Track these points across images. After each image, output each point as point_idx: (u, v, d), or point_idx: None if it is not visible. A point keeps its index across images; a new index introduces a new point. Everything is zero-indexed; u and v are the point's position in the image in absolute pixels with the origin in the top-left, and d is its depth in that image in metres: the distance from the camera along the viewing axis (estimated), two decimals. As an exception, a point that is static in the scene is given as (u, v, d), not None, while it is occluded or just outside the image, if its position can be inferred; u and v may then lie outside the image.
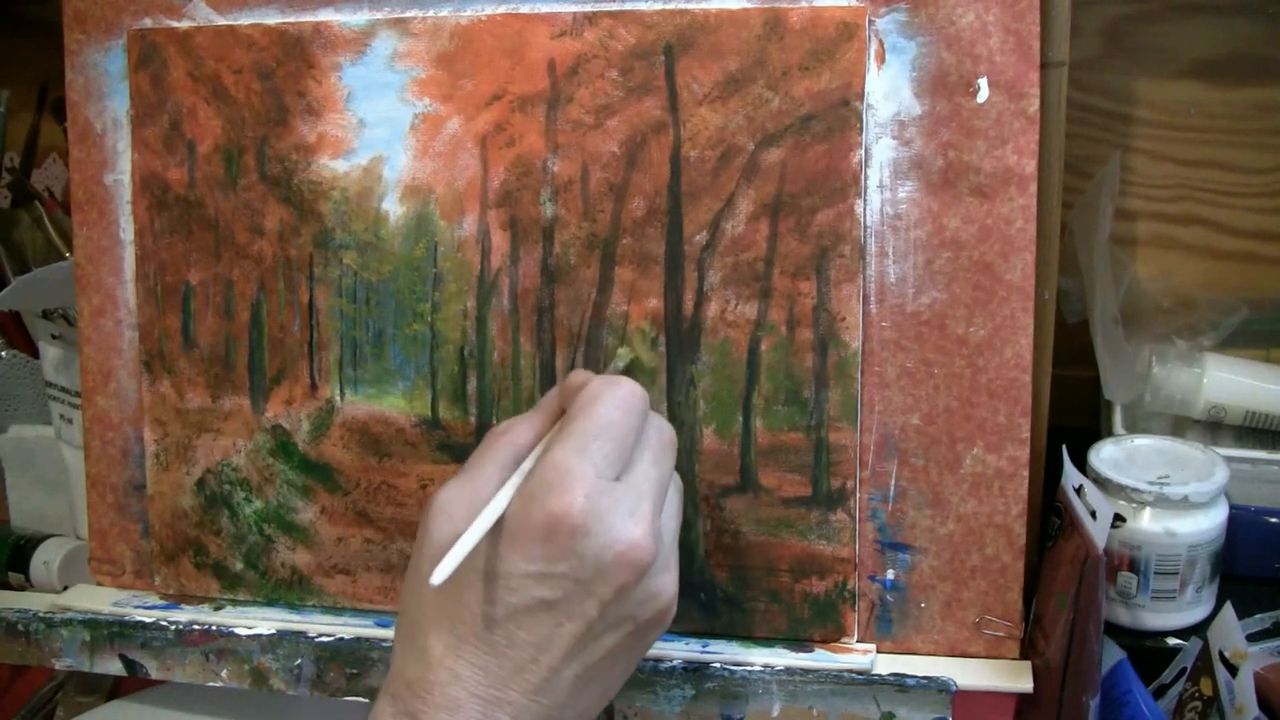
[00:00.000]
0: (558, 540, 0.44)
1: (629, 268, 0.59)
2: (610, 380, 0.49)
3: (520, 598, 0.45)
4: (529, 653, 0.45)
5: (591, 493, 0.45)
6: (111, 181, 0.65)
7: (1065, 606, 0.55)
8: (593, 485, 0.45)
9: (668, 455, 0.49)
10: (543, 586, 0.45)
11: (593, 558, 0.45)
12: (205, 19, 0.63)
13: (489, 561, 0.45)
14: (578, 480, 0.45)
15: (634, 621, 0.47)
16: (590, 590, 0.45)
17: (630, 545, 0.45)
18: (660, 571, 0.47)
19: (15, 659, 0.65)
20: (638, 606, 0.46)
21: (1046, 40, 0.55)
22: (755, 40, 0.56)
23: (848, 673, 0.56)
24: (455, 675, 0.44)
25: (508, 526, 0.46)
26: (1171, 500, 0.61)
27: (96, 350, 0.66)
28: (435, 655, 0.45)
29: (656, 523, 0.47)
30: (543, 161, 0.59)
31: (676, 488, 0.51)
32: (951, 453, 0.57)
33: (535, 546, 0.45)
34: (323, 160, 0.62)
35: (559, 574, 0.45)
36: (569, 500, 0.45)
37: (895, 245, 0.57)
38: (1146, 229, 0.82)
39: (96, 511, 0.67)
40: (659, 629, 0.49)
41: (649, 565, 0.46)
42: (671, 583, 0.48)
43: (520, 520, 0.45)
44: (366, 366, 0.62)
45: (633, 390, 0.49)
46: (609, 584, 0.45)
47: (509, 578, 0.45)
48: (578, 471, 0.45)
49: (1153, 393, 0.74)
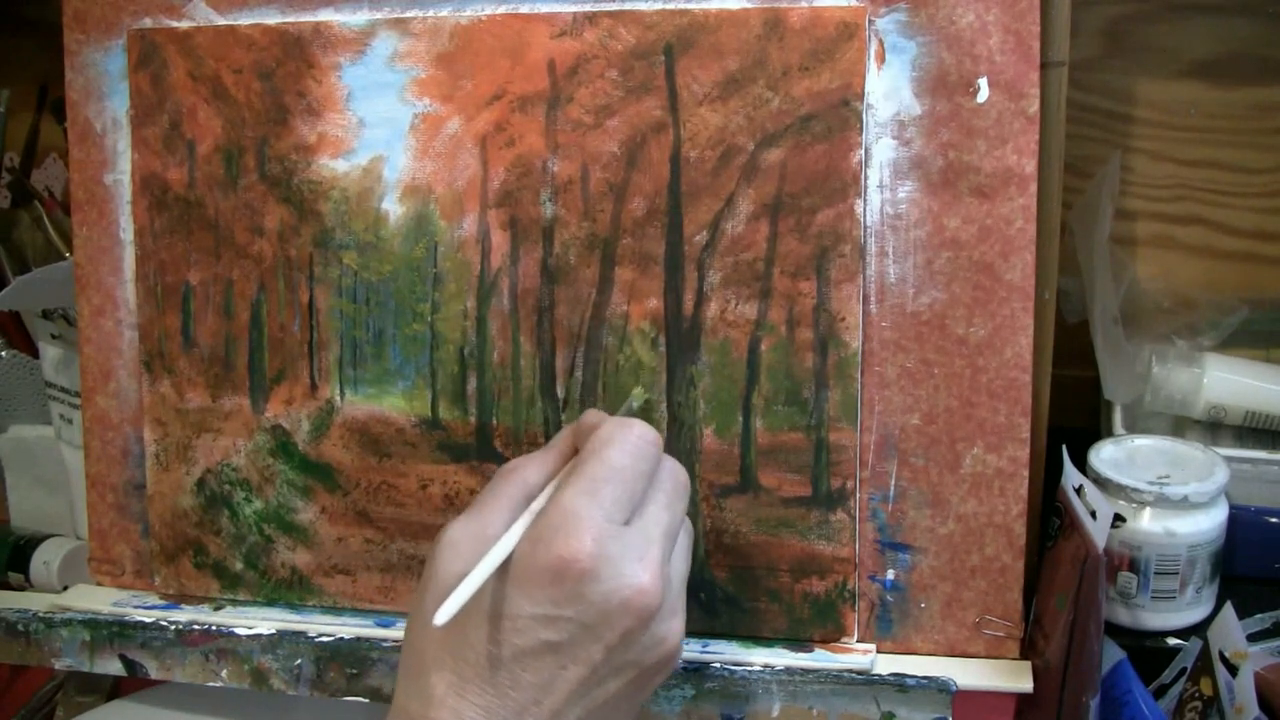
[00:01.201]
0: (565, 584, 0.44)
1: (629, 268, 0.59)
2: (623, 423, 0.49)
3: (525, 639, 0.45)
4: (532, 694, 0.45)
5: (600, 537, 0.45)
6: (111, 181, 0.65)
7: (1065, 606, 0.55)
8: (601, 530, 0.45)
9: (680, 499, 0.49)
10: (548, 629, 0.45)
11: (599, 602, 0.44)
12: (205, 19, 0.63)
13: (495, 602, 0.45)
14: (586, 525, 0.45)
15: (638, 667, 0.46)
16: (596, 634, 0.45)
17: (637, 591, 0.45)
18: (667, 617, 0.47)
19: (15, 659, 0.64)
20: (643, 652, 0.46)
21: (1046, 40, 0.55)
22: (755, 40, 0.56)
23: (848, 673, 0.56)
24: (458, 715, 0.44)
25: (515, 568, 0.45)
26: (1171, 500, 0.61)
27: (96, 350, 0.66)
28: (438, 694, 0.45)
29: (665, 568, 0.46)
30: (543, 161, 0.59)
31: (687, 531, 0.50)
32: (951, 453, 0.57)
33: (542, 589, 0.45)
34: (323, 160, 0.62)
35: (565, 617, 0.44)
36: (577, 545, 0.44)
37: (895, 245, 0.57)
38: (1146, 229, 0.82)
39: (96, 511, 0.67)
40: (664, 674, 0.48)
41: (655, 611, 0.45)
42: (678, 628, 0.47)
43: (528, 562, 0.45)
44: (366, 366, 0.62)
45: (644, 434, 0.49)
46: (614, 629, 0.45)
47: (515, 619, 0.45)
48: (587, 516, 0.45)
49: (1153, 393, 0.74)
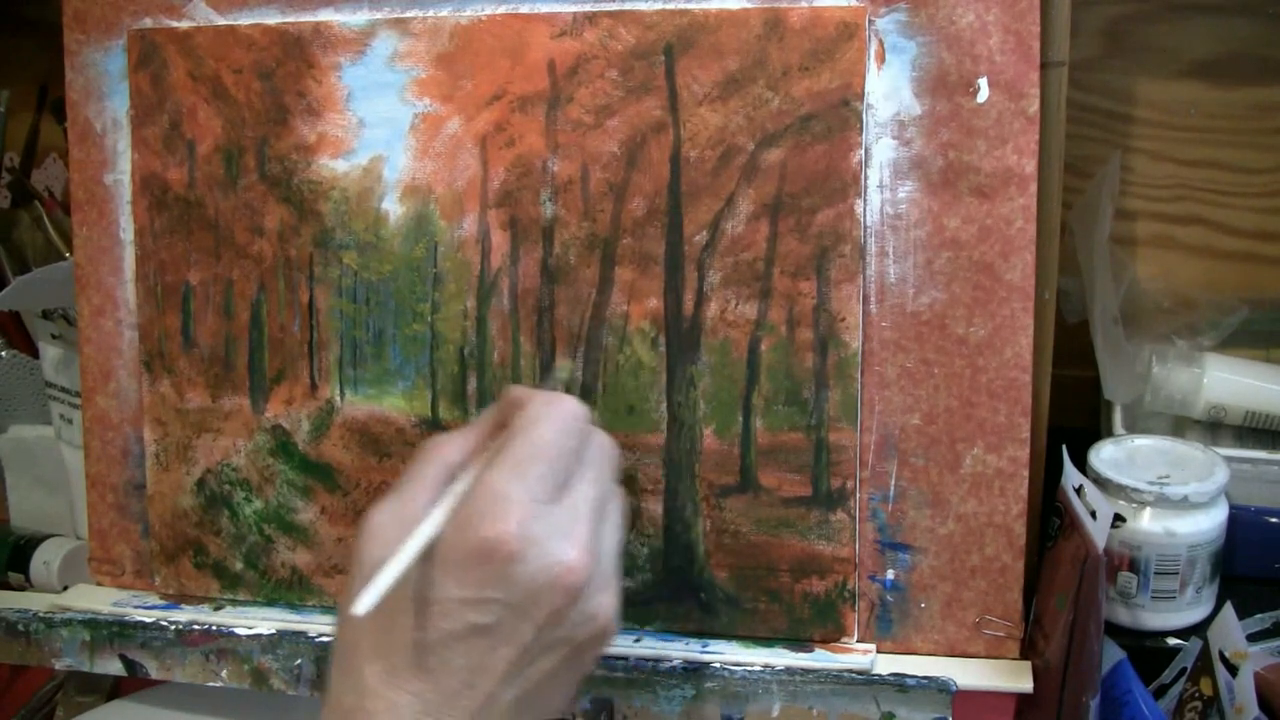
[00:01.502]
0: (491, 566, 0.44)
1: (629, 268, 0.59)
2: (550, 399, 0.48)
3: (454, 623, 0.44)
4: (464, 678, 0.44)
5: (525, 518, 0.45)
6: (111, 181, 0.65)
7: (1065, 606, 0.55)
8: (527, 510, 0.45)
9: (609, 472, 0.49)
10: (476, 612, 0.44)
11: (525, 583, 0.44)
12: (205, 19, 0.63)
13: (422, 587, 0.45)
14: (512, 506, 0.45)
15: (570, 644, 0.46)
16: (524, 615, 0.45)
17: (565, 569, 0.45)
18: (597, 592, 0.46)
19: (15, 659, 0.65)
20: (574, 628, 0.46)
21: (1046, 40, 0.55)
22: (755, 40, 0.56)
23: (848, 673, 0.56)
24: (391, 704, 0.44)
25: (441, 551, 0.45)
26: (1171, 500, 0.61)
27: (96, 350, 0.66)
28: (370, 684, 0.45)
29: (594, 544, 0.46)
30: (543, 161, 0.59)
31: (618, 502, 0.50)
32: (951, 453, 0.57)
33: (468, 572, 0.44)
34: (323, 160, 0.62)
35: (492, 600, 0.44)
36: (502, 527, 0.44)
37: (895, 245, 0.57)
38: (1146, 229, 0.82)
39: (96, 511, 0.67)
40: (599, 647, 0.48)
41: (583, 588, 0.45)
42: (609, 602, 0.47)
43: (454, 545, 0.45)
44: (366, 366, 0.62)
45: (572, 409, 0.48)
46: (543, 608, 0.45)
47: (443, 603, 0.44)
48: (513, 496, 0.45)
49: (1153, 393, 0.74)
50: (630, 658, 0.58)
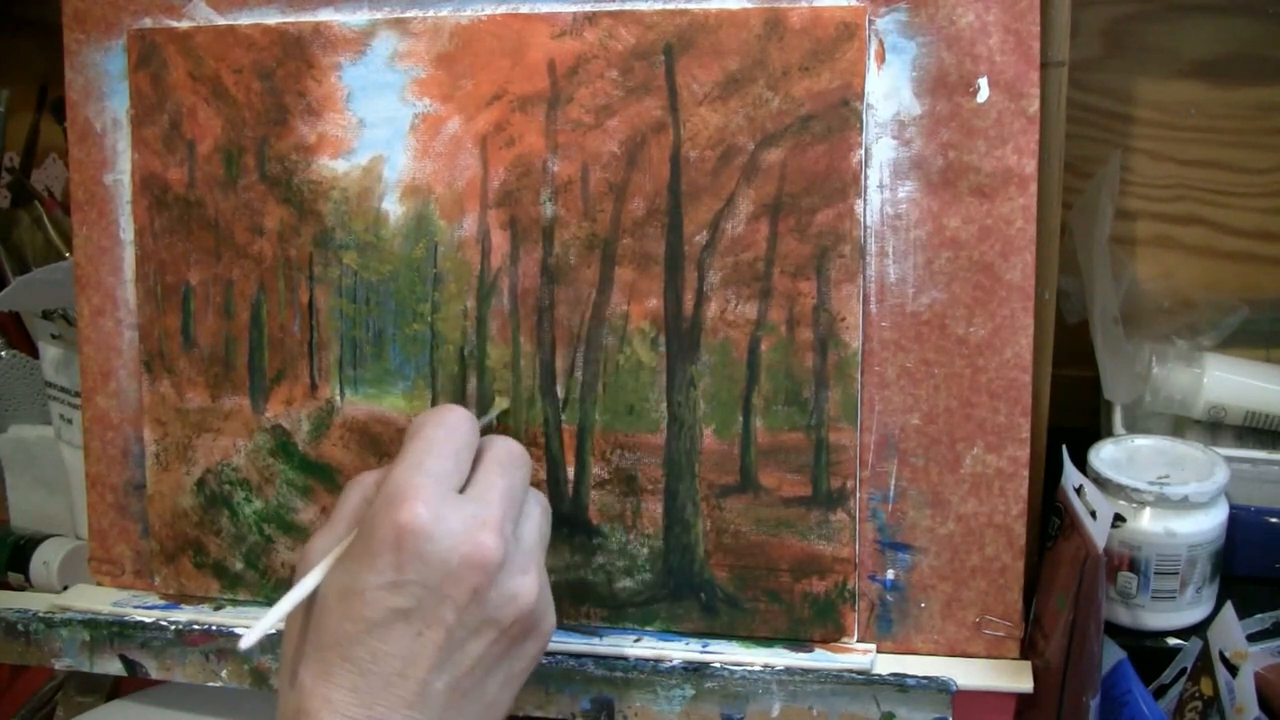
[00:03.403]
0: (404, 549, 0.45)
1: (629, 268, 0.59)
2: (436, 408, 0.51)
3: (375, 611, 0.45)
4: (395, 665, 0.45)
5: (432, 501, 0.46)
6: (111, 181, 0.65)
7: (1065, 606, 0.55)
8: (433, 494, 0.46)
9: (515, 467, 0.50)
10: (396, 596, 0.45)
11: (439, 562, 0.45)
12: (205, 19, 0.63)
13: (343, 583, 0.46)
14: (418, 491, 0.46)
15: (497, 627, 0.47)
16: (443, 595, 0.45)
17: (475, 546, 0.45)
18: (516, 573, 0.47)
19: (15, 659, 0.65)
20: (496, 609, 0.46)
21: (1046, 40, 0.55)
22: (755, 40, 0.56)
23: (848, 673, 0.56)
24: (327, 701, 0.44)
25: (356, 546, 0.46)
26: (1171, 500, 0.61)
27: (96, 350, 0.66)
28: (307, 686, 0.45)
29: (506, 527, 0.47)
30: (543, 161, 0.59)
31: (538, 502, 0.51)
32: (951, 453, 0.57)
33: (383, 558, 0.45)
34: (323, 160, 0.62)
35: (409, 581, 0.45)
36: (410, 509, 0.45)
37: (895, 245, 0.57)
38: (1146, 229, 0.82)
39: (96, 511, 0.67)
40: (534, 639, 0.49)
41: (498, 564, 0.46)
42: (531, 585, 0.48)
43: (367, 537, 0.46)
44: (366, 366, 0.62)
45: (458, 413, 0.50)
46: (460, 587, 0.45)
47: (362, 593, 0.45)
48: (416, 483, 0.46)
49: (1153, 393, 0.74)
50: (630, 658, 0.58)
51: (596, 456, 0.60)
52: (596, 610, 0.61)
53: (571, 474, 0.60)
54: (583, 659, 0.58)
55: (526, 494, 0.50)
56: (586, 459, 0.60)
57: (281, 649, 0.49)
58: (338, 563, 0.47)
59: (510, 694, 0.49)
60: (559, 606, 0.61)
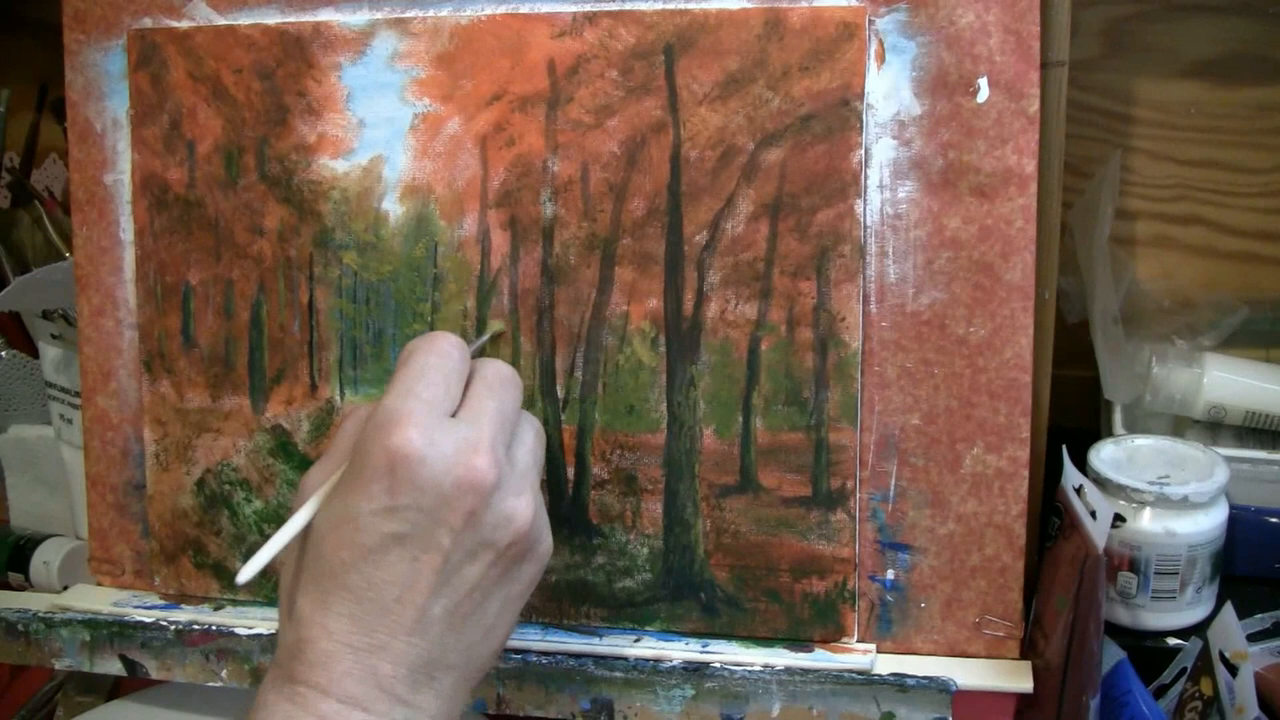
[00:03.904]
0: (397, 474, 0.45)
1: (629, 268, 0.59)
2: (425, 335, 0.50)
3: (370, 537, 0.45)
4: (392, 592, 0.45)
5: (424, 425, 0.46)
6: (111, 181, 0.65)
7: (1065, 606, 0.55)
8: (424, 419, 0.46)
9: (506, 389, 0.50)
10: (390, 521, 0.45)
11: (433, 485, 0.45)
12: (205, 19, 0.63)
13: (338, 511, 0.46)
14: (408, 416, 0.46)
15: (493, 549, 0.47)
16: (438, 519, 0.45)
17: (468, 469, 0.45)
18: (510, 495, 0.47)
19: (15, 659, 0.65)
20: (492, 531, 0.46)
21: (1046, 40, 0.55)
22: (755, 40, 0.56)
23: (848, 673, 0.56)
24: (325, 629, 0.45)
25: (349, 473, 0.46)
26: (1171, 500, 0.61)
27: (96, 350, 0.66)
28: (305, 614, 0.45)
29: (499, 449, 0.47)
30: (543, 161, 0.59)
31: (530, 424, 0.51)
32: (951, 453, 0.57)
33: (376, 484, 0.45)
34: (323, 160, 0.62)
35: (404, 506, 0.45)
36: (402, 434, 0.45)
37: (895, 245, 0.57)
38: (1146, 229, 0.82)
39: (96, 511, 0.67)
40: (531, 562, 0.49)
41: (492, 486, 0.46)
42: (526, 507, 0.47)
43: (360, 464, 0.46)
44: (366, 366, 0.62)
45: (447, 339, 0.50)
46: (455, 510, 0.45)
47: (356, 520, 0.45)
48: (406, 409, 0.46)
49: (1153, 393, 0.74)
50: (630, 658, 0.58)
51: (596, 456, 0.60)
52: (596, 610, 0.61)
53: (571, 474, 0.60)
54: (583, 659, 0.58)
55: (519, 416, 0.50)
56: (586, 459, 0.60)
57: (280, 580, 0.49)
58: (332, 492, 0.47)
59: (509, 617, 0.49)
60: (559, 607, 0.61)
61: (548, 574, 0.61)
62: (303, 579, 0.46)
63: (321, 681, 0.44)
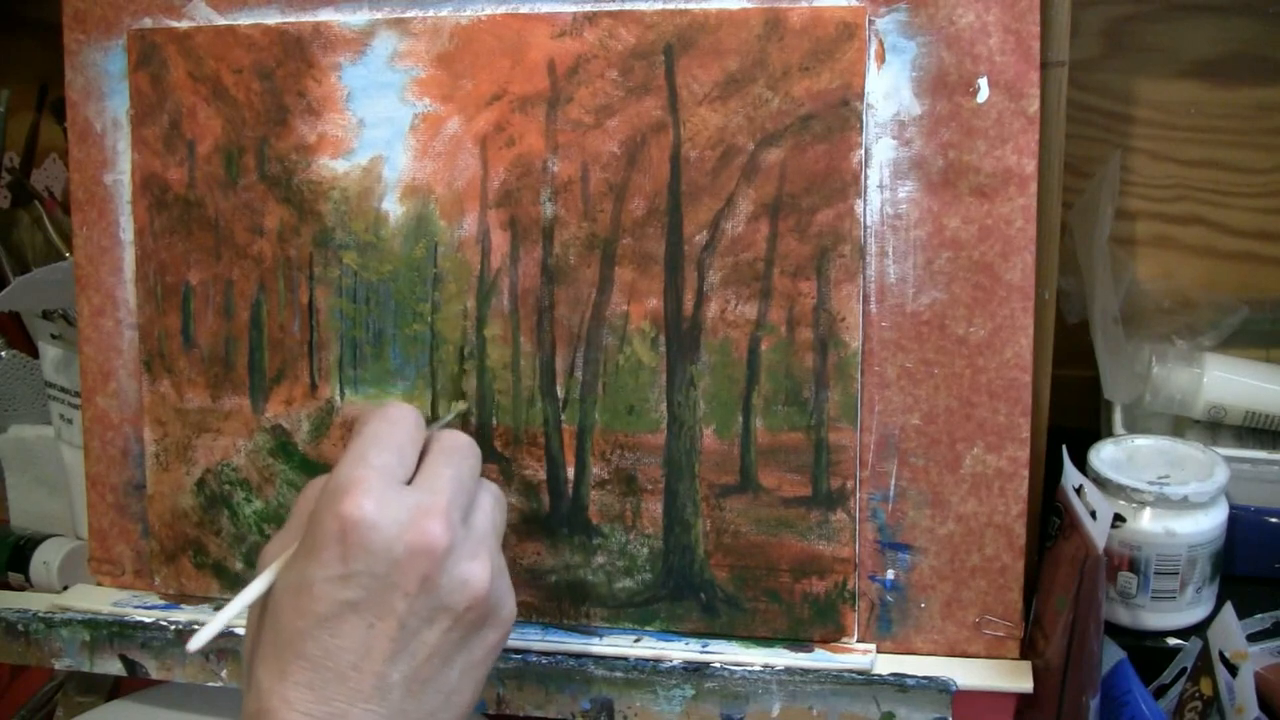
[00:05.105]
0: (349, 540, 0.45)
1: (629, 268, 0.59)
2: (378, 404, 0.51)
3: (326, 605, 0.45)
4: (349, 659, 0.45)
5: (375, 492, 0.45)
6: (111, 181, 0.65)
7: (1065, 606, 0.55)
8: (376, 485, 0.46)
9: (463, 457, 0.49)
10: (344, 589, 0.45)
11: (385, 550, 0.45)
12: (205, 19, 0.63)
13: (293, 580, 0.46)
14: (359, 483, 0.46)
15: (450, 614, 0.46)
16: (391, 584, 0.45)
17: (421, 533, 0.45)
18: (465, 559, 0.47)
19: (15, 659, 0.65)
20: (448, 595, 0.46)
21: (1046, 40, 0.55)
22: (755, 40, 0.56)
23: (848, 673, 0.56)
24: (285, 699, 0.44)
25: (304, 543, 0.46)
26: (1171, 500, 0.61)
27: (96, 350, 0.66)
28: (264, 685, 0.45)
29: (454, 514, 0.47)
30: (543, 161, 0.59)
31: (489, 491, 0.50)
32: (951, 453, 0.57)
33: (328, 550, 0.45)
34: (323, 160, 0.62)
35: (356, 572, 0.45)
36: (353, 501, 0.45)
37: (895, 245, 0.57)
38: (1146, 229, 0.82)
39: (96, 511, 0.67)
40: (492, 628, 0.48)
41: (446, 550, 0.46)
42: (483, 570, 0.47)
43: (314, 532, 0.46)
44: (366, 366, 0.62)
45: (398, 407, 0.50)
46: (408, 575, 0.45)
47: (310, 588, 0.45)
48: (359, 475, 0.46)
49: (1153, 393, 0.74)
50: (630, 658, 0.58)
51: (596, 456, 0.60)
52: (596, 610, 0.61)
53: (571, 474, 0.60)
54: (583, 659, 0.58)
55: (478, 484, 0.50)
56: (586, 459, 0.60)
57: (243, 648, 0.49)
58: (288, 561, 0.46)
59: (473, 683, 0.48)
60: (559, 607, 0.61)
61: (548, 574, 0.61)
62: (261, 649, 0.46)
63: None
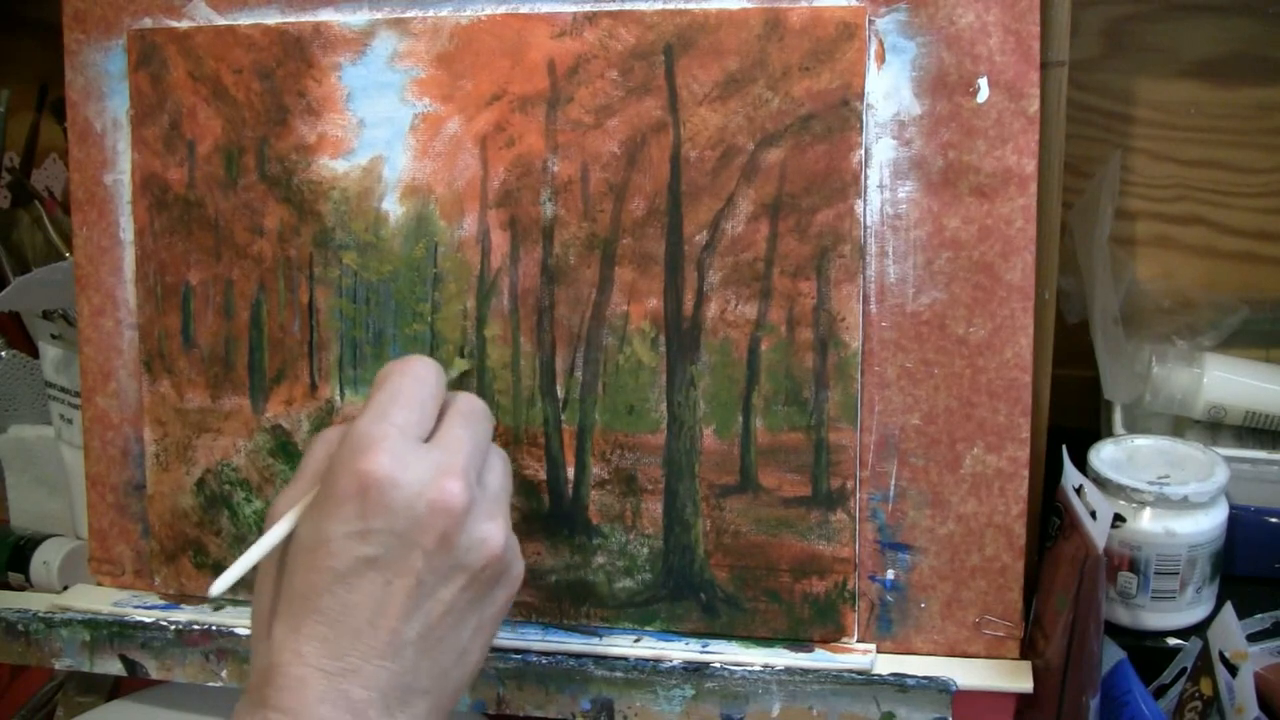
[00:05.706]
0: (369, 497, 0.45)
1: (629, 268, 0.59)
2: (400, 359, 0.50)
3: (343, 561, 0.45)
4: (364, 615, 0.45)
5: (396, 449, 0.46)
6: (111, 181, 0.65)
7: (1065, 606, 0.55)
8: (397, 443, 0.46)
9: (478, 421, 0.50)
10: (363, 545, 0.45)
11: (406, 508, 0.45)
12: (205, 19, 0.63)
13: (310, 535, 0.46)
14: (380, 440, 0.46)
15: (466, 572, 0.47)
16: (411, 542, 0.45)
17: (441, 491, 0.45)
18: (483, 519, 0.47)
19: (15, 659, 0.65)
20: (465, 554, 0.46)
21: (1046, 40, 0.55)
22: (755, 40, 0.56)
23: (848, 673, 0.56)
24: (297, 653, 0.44)
25: (321, 497, 0.46)
26: (1171, 500, 0.61)
27: (96, 350, 0.66)
28: (278, 639, 0.45)
29: (471, 474, 0.47)
30: (543, 161, 0.59)
31: (499, 454, 0.51)
32: (951, 453, 0.57)
33: (349, 507, 0.45)
34: (323, 160, 0.62)
35: (376, 529, 0.45)
36: (374, 458, 0.45)
37: (895, 245, 0.57)
38: (1146, 229, 0.82)
39: (96, 511, 0.67)
40: (503, 586, 0.49)
41: (465, 509, 0.46)
42: (499, 531, 0.47)
43: (332, 487, 0.46)
44: (366, 366, 0.62)
45: (424, 363, 0.50)
46: (427, 533, 0.45)
47: (328, 543, 0.45)
48: (379, 432, 0.46)
49: (1153, 393, 0.74)
50: (630, 658, 0.58)
51: (596, 456, 0.60)
52: (596, 610, 0.61)
53: (571, 474, 0.60)
54: (583, 659, 0.58)
55: (490, 447, 0.50)
56: (586, 459, 0.60)
57: (254, 604, 0.49)
58: (304, 516, 0.47)
59: (483, 642, 0.49)
60: (559, 607, 0.61)
61: (548, 574, 0.61)
62: (278, 605, 0.46)
63: (293, 706, 0.43)
